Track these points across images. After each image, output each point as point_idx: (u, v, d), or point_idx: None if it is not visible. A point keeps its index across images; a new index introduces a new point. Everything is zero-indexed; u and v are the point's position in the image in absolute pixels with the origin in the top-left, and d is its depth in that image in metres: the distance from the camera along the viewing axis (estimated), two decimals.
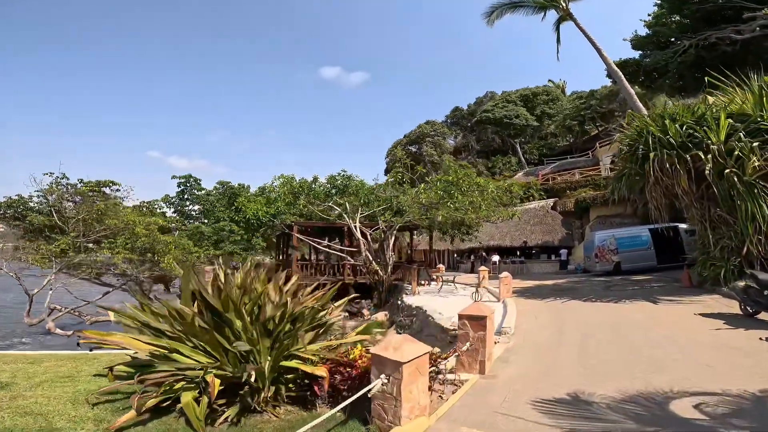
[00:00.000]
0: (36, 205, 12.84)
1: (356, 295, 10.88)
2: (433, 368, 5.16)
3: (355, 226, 19.38)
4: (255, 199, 17.77)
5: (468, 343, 5.95)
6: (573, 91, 54.04)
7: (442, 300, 14.58)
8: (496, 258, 26.96)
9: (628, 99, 24.90)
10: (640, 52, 31.04)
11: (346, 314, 18.82)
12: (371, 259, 19.15)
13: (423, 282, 19.52)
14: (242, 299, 5.58)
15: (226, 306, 5.28)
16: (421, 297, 15.48)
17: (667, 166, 12.46)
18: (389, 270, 19.25)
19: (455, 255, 32.26)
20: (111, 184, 14.86)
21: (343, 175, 22.19)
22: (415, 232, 30.48)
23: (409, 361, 4.08)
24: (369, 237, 19.43)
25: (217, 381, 4.54)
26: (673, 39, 28.22)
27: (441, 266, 22.88)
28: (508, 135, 49.00)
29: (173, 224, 15.18)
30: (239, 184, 18.72)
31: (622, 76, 25.62)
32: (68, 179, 13.92)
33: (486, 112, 49.42)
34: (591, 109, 41.29)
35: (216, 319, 5.29)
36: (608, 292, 14.28)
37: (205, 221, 16.93)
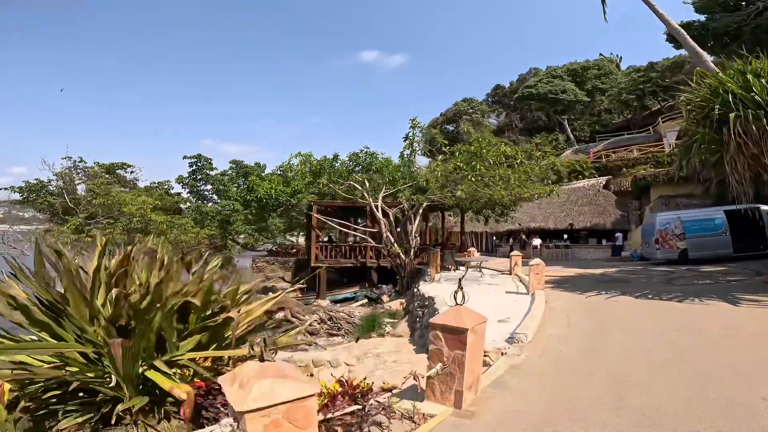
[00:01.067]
0: (54, 188, 12.19)
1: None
2: (357, 407, 3.31)
3: (377, 206, 17.58)
4: (269, 178, 16.46)
5: (439, 365, 4.00)
6: (629, 65, 48.20)
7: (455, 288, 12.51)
8: (537, 242, 24.12)
9: (695, 58, 20.56)
10: (704, 15, 26.05)
11: (365, 301, 17.23)
12: (393, 241, 17.32)
13: (449, 267, 17.44)
14: (98, 287, 4.04)
15: (71, 294, 3.77)
16: (439, 285, 13.47)
17: (753, 129, 9.62)
18: (412, 253, 17.34)
19: (494, 238, 29.59)
20: (124, 166, 14.17)
21: (366, 151, 20.35)
22: (450, 213, 28.20)
23: (260, 409, 2.24)
24: (391, 217, 17.58)
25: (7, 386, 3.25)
26: (744, 1, 23.59)
27: (472, 249, 20.56)
28: (555, 112, 44.76)
29: (184, 204, 14.25)
30: (256, 163, 17.58)
31: (686, 34, 21.30)
32: (85, 162, 13.42)
33: (528, 88, 45.35)
34: (651, 83, 36.49)
35: (56, 311, 3.80)
36: (670, 286, 11.47)
37: (218, 201, 15.93)
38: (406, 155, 13.03)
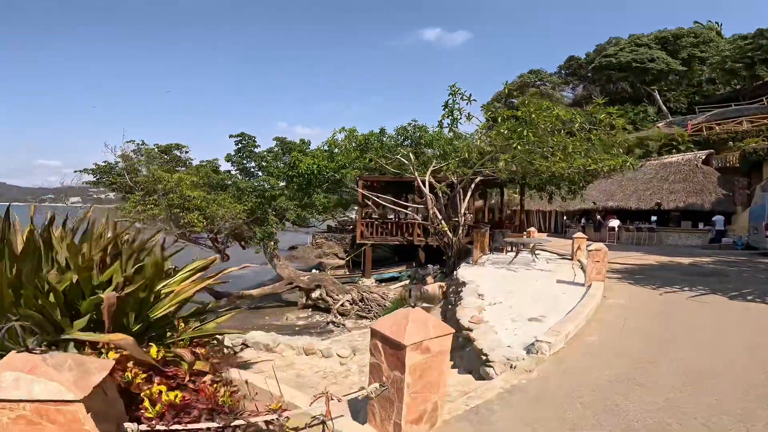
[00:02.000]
0: (120, 170, 12.80)
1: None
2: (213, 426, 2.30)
3: (423, 180, 16.21)
4: (313, 153, 15.88)
5: (375, 386, 2.84)
6: (734, 33, 40.25)
7: (504, 275, 10.83)
8: (614, 223, 20.89)
9: None
10: None
11: (408, 281, 16.20)
12: (440, 218, 15.90)
13: (501, 248, 15.62)
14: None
15: None
16: (481, 269, 11.90)
17: None
18: (461, 231, 15.79)
19: (563, 218, 26.46)
20: (179, 147, 14.53)
21: (415, 125, 18.83)
22: (515, 190, 25.72)
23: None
24: (440, 192, 16.11)
25: None
26: None
27: (532, 230, 18.31)
28: (642, 82, 38.87)
29: (229, 181, 14.29)
30: (301, 140, 17.08)
31: None
32: (147, 145, 13.99)
33: (607, 57, 39.90)
34: (762, 50, 30.24)
35: None
36: None
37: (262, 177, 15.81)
38: (446, 125, 11.41)
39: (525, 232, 18.07)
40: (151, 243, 4.51)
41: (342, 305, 12.03)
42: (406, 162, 16.92)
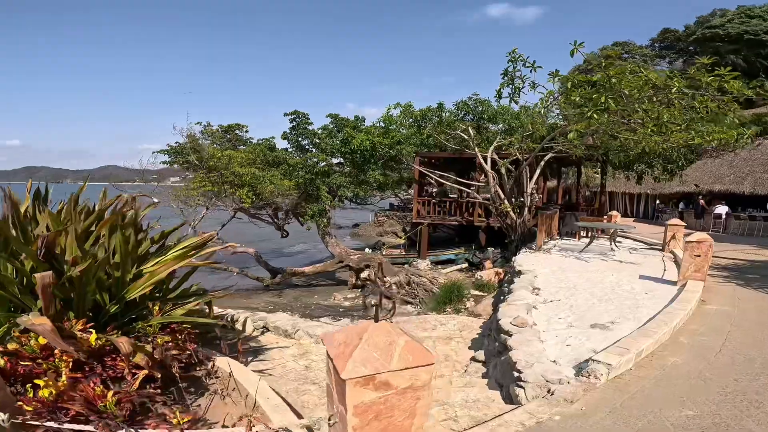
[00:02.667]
0: (187, 149, 13.36)
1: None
2: None
3: (484, 157, 14.75)
4: (367, 130, 15.17)
5: (324, 415, 2.06)
6: None
7: (571, 265, 9.26)
8: (722, 209, 17.42)
9: None
10: None
11: (465, 265, 15.04)
12: (502, 197, 14.40)
13: (575, 233, 13.73)
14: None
15: None
16: (544, 257, 10.39)
17: None
18: (527, 213, 14.15)
19: (656, 201, 22.85)
20: (239, 126, 14.81)
21: (476, 99, 17.09)
22: (597, 169, 22.80)
23: None
24: (503, 169, 14.56)
25: None
26: None
27: (614, 213, 15.85)
28: (757, 55, 32.29)
29: (284, 157, 14.24)
30: (355, 117, 16.39)
31: None
32: (212, 126, 14.45)
33: (712, 29, 33.68)
34: None
35: None
36: None
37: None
38: (505, 94, 9.83)
39: (605, 216, 15.74)
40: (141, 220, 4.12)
41: (388, 288, 11.38)
42: (466, 137, 15.50)
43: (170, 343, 3.55)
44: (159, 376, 3.17)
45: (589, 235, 12.00)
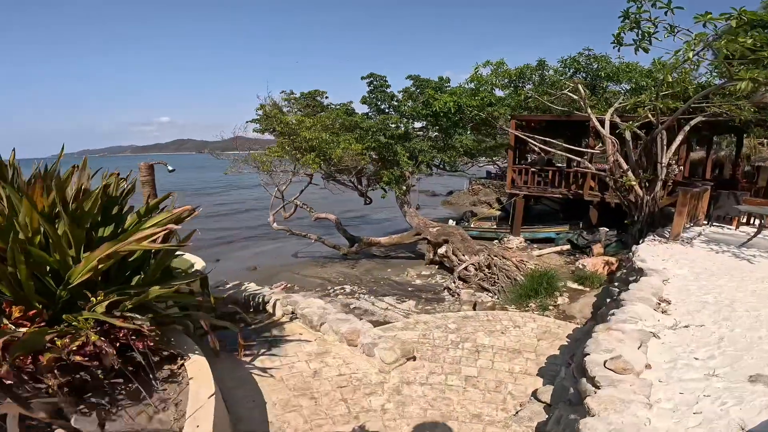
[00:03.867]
0: (272, 115, 13.39)
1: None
2: None
3: (601, 120, 11.73)
4: (453, 91, 13.15)
5: None
6: None
7: (724, 266, 6.49)
8: None
9: None
10: None
11: (567, 247, 12.53)
12: (624, 167, 11.36)
13: (732, 219, 10.15)
14: None
15: None
16: (679, 249, 7.63)
17: None
18: (658, 188, 10.93)
19: None
20: (319, 93, 14.21)
21: (589, 54, 13.45)
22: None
23: None
24: (627, 135, 11.41)
25: None
26: None
27: None
28: None
29: (354, 121, 13.21)
30: (439, 78, 14.30)
31: None
32: (295, 94, 14.22)
33: None
34: None
35: None
36: None
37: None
38: (628, 41, 6.98)
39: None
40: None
41: (466, 269, 9.81)
42: (575, 97, 12.45)
43: (105, 342, 2.79)
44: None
45: (756, 223, 8.59)
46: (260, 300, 5.59)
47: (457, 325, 6.03)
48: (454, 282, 9.57)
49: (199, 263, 6.55)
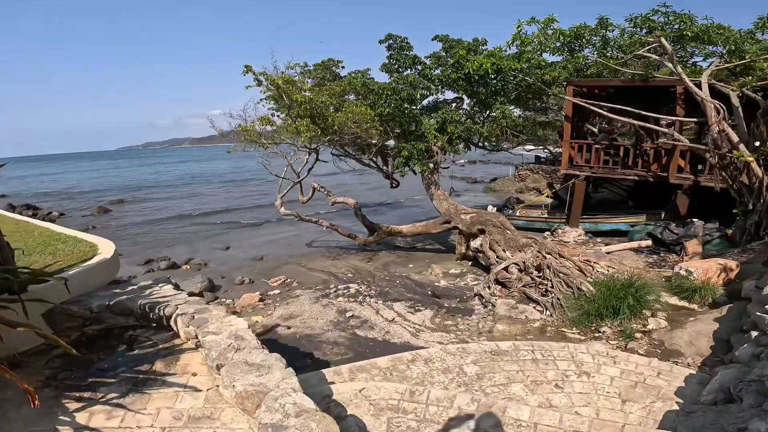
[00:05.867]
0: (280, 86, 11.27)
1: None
2: None
3: (696, 83, 8.42)
4: (490, 52, 10.24)
5: None
6: None
7: None
8: None
9: None
10: None
11: (648, 242, 9.35)
12: (734, 140, 8.04)
13: None
14: None
15: None
16: None
17: None
18: None
19: None
20: (335, 63, 11.71)
21: (668, 12, 9.77)
22: None
23: None
24: (734, 100, 8.07)
25: None
26: None
27: None
28: None
29: (363, 81, 10.70)
30: (474, 39, 11.31)
31: None
32: (309, 66, 11.78)
33: None
34: None
35: None
36: None
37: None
38: None
39: None
40: None
41: (506, 270, 7.12)
42: (654, 57, 9.12)
43: None
44: None
45: None
46: (161, 312, 3.43)
47: (480, 369, 3.53)
48: (489, 286, 6.93)
49: (106, 248, 4.54)
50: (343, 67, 11.97)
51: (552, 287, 6.16)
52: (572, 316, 5.45)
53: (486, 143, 13.57)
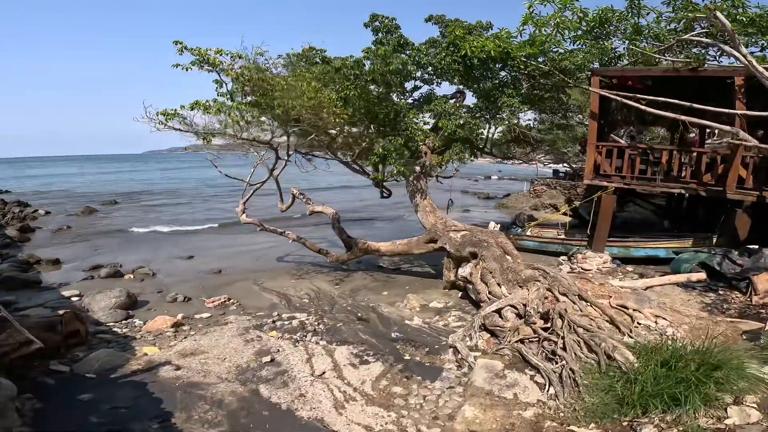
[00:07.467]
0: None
1: None
2: None
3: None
4: (496, 35, 8.16)
5: None
6: None
7: None
8: None
9: None
10: None
11: (701, 275, 6.86)
12: None
13: None
14: None
15: None
16: None
17: None
18: None
19: None
20: (319, 53, 9.83)
21: None
22: None
23: None
24: None
25: None
26: None
27: None
28: None
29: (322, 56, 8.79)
30: (477, 22, 9.23)
31: None
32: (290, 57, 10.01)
33: None
34: None
35: None
36: None
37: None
38: None
39: None
40: None
41: (500, 313, 4.90)
42: (706, 41, 6.89)
43: None
44: None
45: None
46: None
47: None
48: (471, 336, 4.72)
49: None
50: (324, 52, 10.08)
51: (564, 348, 3.90)
52: (592, 403, 3.20)
53: (493, 149, 11.37)
